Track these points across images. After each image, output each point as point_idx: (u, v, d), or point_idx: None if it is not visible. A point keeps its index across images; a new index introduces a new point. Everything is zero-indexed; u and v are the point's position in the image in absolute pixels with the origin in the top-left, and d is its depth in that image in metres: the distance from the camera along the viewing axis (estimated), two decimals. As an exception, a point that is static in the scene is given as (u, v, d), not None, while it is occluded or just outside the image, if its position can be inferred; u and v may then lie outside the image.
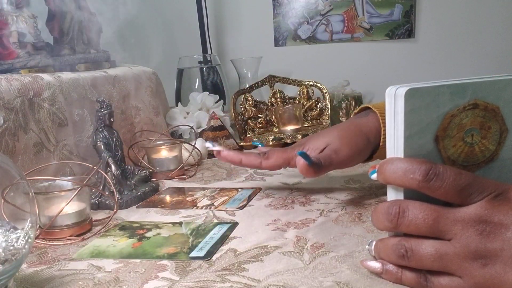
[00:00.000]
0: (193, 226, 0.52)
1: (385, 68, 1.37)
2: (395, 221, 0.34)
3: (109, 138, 0.63)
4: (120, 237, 0.50)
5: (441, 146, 0.35)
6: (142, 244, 0.48)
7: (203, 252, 0.44)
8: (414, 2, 1.31)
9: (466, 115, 0.34)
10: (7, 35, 0.70)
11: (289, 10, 1.38)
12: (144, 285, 0.39)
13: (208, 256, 0.43)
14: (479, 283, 0.31)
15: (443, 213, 0.32)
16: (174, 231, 0.51)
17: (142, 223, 0.55)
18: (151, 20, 1.39)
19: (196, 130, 0.96)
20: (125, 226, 0.54)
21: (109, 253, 0.46)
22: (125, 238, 0.50)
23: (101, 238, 0.50)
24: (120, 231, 0.52)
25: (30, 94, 0.63)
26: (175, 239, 0.48)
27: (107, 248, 0.47)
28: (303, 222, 0.51)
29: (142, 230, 0.52)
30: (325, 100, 1.04)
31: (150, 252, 0.46)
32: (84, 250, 0.47)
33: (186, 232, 0.50)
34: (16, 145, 0.60)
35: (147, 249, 0.46)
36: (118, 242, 0.49)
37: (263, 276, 0.39)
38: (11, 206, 0.45)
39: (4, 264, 0.35)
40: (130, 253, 0.46)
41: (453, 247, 0.32)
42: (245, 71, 1.22)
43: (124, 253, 0.46)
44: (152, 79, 0.97)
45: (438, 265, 0.32)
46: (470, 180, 0.32)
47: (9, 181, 0.40)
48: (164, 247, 0.46)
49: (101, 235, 0.51)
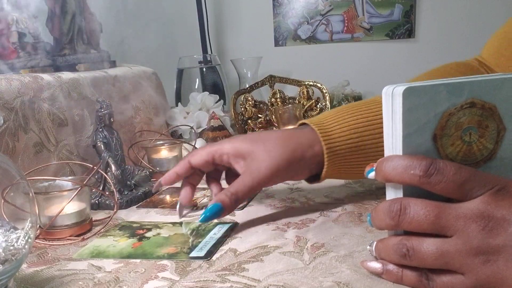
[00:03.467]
0: (193, 226, 0.52)
1: (385, 68, 1.37)
2: (396, 219, 0.34)
3: (109, 138, 0.63)
4: (120, 237, 0.50)
5: (439, 145, 0.35)
6: (142, 244, 0.48)
7: (203, 252, 0.44)
8: (414, 2, 1.32)
9: (463, 114, 0.34)
10: (7, 35, 0.70)
11: (289, 10, 1.38)
12: (144, 285, 0.39)
13: (208, 256, 0.43)
14: (481, 279, 0.31)
15: (444, 209, 0.32)
16: (174, 231, 0.51)
17: (142, 223, 0.54)
18: (151, 20, 1.39)
19: (196, 130, 0.96)
20: (125, 226, 0.54)
21: (109, 253, 0.46)
22: (125, 238, 0.50)
23: (101, 238, 0.50)
24: (120, 231, 0.52)
25: (30, 94, 0.63)
26: (175, 239, 0.48)
27: (107, 248, 0.47)
28: (303, 222, 0.51)
29: (142, 230, 0.52)
30: (325, 100, 1.04)
31: (150, 252, 0.45)
32: (84, 250, 0.47)
33: (186, 232, 0.50)
34: (16, 145, 0.60)
35: (147, 249, 0.46)
36: (118, 242, 0.49)
37: (263, 276, 0.39)
38: (11, 206, 0.45)
39: (4, 264, 0.35)
40: (130, 253, 0.46)
41: (455, 244, 0.31)
42: (245, 71, 1.22)
43: (124, 253, 0.46)
44: (152, 79, 0.97)
45: (440, 263, 0.32)
46: (471, 174, 0.32)
47: (9, 181, 0.40)
48: (164, 247, 0.46)
49: (101, 235, 0.51)
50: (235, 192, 0.49)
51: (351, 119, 0.52)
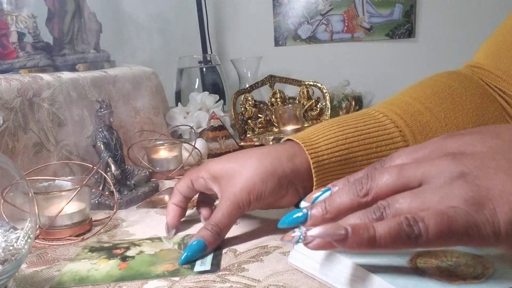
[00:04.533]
0: (177, 240, 0.48)
1: (385, 68, 1.37)
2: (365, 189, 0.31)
3: (109, 138, 0.63)
4: (96, 259, 0.45)
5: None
6: (130, 265, 0.43)
7: (206, 265, 0.41)
8: (415, 2, 1.31)
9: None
10: (7, 35, 0.70)
11: (289, 10, 1.38)
12: (144, 285, 0.39)
13: (216, 269, 0.41)
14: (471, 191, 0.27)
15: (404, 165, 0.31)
16: (158, 247, 0.46)
17: (114, 242, 0.49)
18: (151, 20, 1.39)
19: (196, 130, 0.96)
20: (95, 247, 0.48)
21: (95, 278, 0.41)
22: (104, 260, 0.44)
23: (74, 263, 0.44)
24: (93, 253, 0.46)
25: (30, 94, 0.63)
26: (165, 256, 0.44)
27: (89, 273, 0.42)
28: (303, 222, 0.51)
29: (119, 250, 0.46)
30: (325, 100, 1.04)
31: (145, 271, 0.41)
32: (62, 277, 0.41)
33: (173, 247, 0.46)
34: (15, 145, 0.59)
35: (139, 269, 0.42)
36: (98, 265, 0.43)
37: (263, 276, 0.39)
38: (11, 206, 0.45)
39: (4, 264, 0.34)
40: (122, 275, 0.41)
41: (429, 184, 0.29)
42: (245, 71, 1.22)
43: (114, 275, 0.41)
44: (152, 79, 0.97)
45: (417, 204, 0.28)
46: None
47: (8, 181, 0.40)
48: (159, 265, 0.42)
49: (71, 260, 0.45)
50: (215, 224, 0.44)
51: (338, 130, 0.47)
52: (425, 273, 0.32)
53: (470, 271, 0.31)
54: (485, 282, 0.30)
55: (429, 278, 0.31)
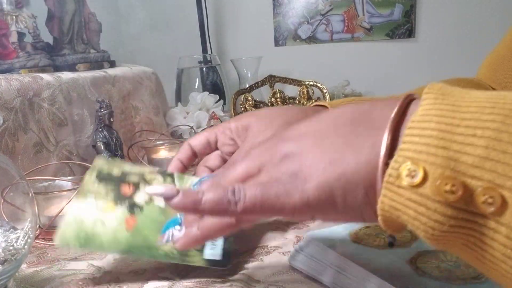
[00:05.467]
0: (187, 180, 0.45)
1: (385, 68, 1.37)
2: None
3: (109, 138, 0.63)
4: (103, 198, 0.41)
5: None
6: (138, 224, 0.40)
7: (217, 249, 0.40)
8: (415, 2, 1.31)
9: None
10: (7, 35, 0.70)
11: (289, 10, 1.38)
12: (144, 285, 0.39)
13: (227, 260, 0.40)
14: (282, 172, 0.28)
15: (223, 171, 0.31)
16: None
17: (124, 171, 0.44)
18: (151, 20, 1.39)
19: (196, 130, 0.96)
20: (104, 176, 0.43)
21: (101, 240, 0.39)
22: (111, 204, 0.41)
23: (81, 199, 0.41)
24: (100, 183, 0.42)
25: (30, 94, 0.63)
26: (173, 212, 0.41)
27: (95, 229, 0.39)
28: (303, 222, 0.51)
29: (128, 186, 0.43)
30: (325, 100, 1.04)
31: (153, 242, 0.39)
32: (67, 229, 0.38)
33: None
34: (15, 145, 0.59)
35: (148, 235, 0.40)
36: (105, 212, 0.40)
37: (263, 276, 0.39)
38: (11, 206, 0.45)
39: (4, 264, 0.35)
40: (129, 242, 0.39)
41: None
42: (245, 71, 1.22)
43: (121, 242, 0.39)
44: (152, 79, 0.97)
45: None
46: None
47: (8, 181, 0.40)
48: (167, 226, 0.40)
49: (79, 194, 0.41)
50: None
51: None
52: (425, 273, 0.32)
53: (470, 271, 0.31)
54: (485, 282, 0.30)
55: (429, 278, 0.31)
